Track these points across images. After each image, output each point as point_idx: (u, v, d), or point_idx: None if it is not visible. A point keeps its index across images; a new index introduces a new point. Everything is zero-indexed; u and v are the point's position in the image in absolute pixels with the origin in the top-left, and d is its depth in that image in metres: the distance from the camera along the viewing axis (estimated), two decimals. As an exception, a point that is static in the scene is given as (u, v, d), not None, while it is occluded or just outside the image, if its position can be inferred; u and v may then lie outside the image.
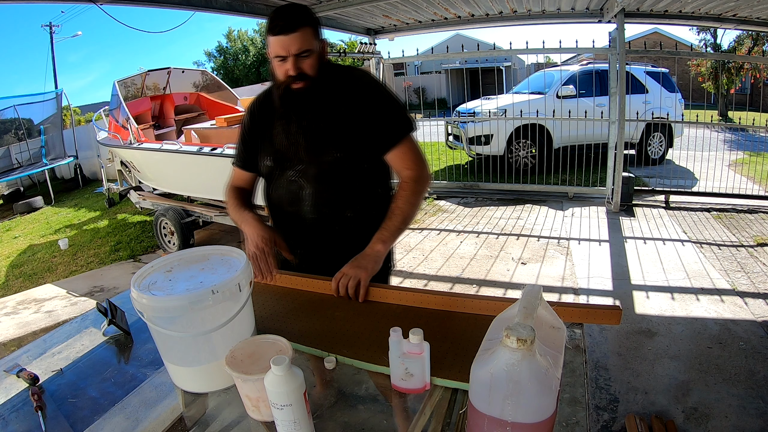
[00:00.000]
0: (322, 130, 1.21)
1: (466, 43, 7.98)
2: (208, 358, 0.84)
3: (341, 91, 1.23)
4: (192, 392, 0.87)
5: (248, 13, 4.18)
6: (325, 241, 1.31)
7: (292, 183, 1.27)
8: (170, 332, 0.81)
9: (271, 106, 1.27)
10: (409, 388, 0.82)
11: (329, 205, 1.27)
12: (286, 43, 1.12)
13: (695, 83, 13.15)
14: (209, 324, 0.82)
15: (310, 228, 1.30)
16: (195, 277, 0.87)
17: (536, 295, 0.70)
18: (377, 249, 1.20)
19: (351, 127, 1.22)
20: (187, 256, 0.95)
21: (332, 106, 1.22)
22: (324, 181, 1.25)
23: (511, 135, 6.11)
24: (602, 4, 4.52)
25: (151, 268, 0.90)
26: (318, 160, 1.23)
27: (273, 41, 1.13)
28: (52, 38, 17.39)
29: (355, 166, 1.26)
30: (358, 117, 1.22)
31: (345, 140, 1.22)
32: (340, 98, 1.22)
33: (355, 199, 1.28)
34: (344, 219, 1.28)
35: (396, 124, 1.25)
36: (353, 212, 1.28)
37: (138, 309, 0.80)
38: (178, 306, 0.79)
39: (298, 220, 1.30)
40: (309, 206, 1.27)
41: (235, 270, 0.86)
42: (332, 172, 1.24)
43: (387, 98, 1.26)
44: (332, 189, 1.26)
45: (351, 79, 1.25)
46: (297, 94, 1.18)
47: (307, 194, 1.26)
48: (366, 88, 1.25)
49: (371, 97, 1.24)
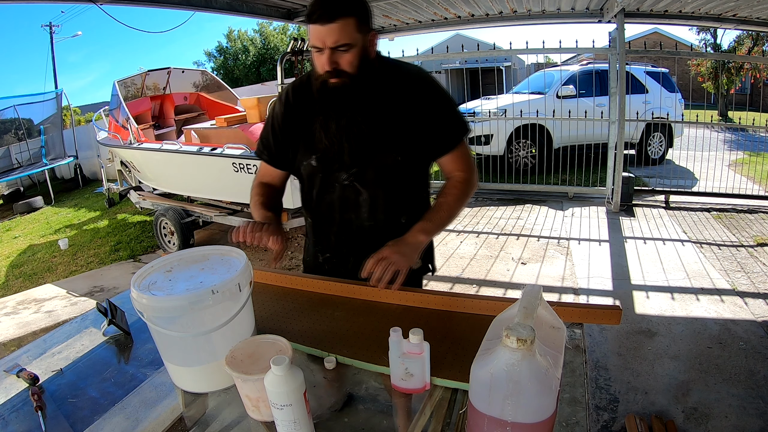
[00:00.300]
0: (377, 131, 1.11)
1: (466, 43, 7.97)
2: (208, 358, 0.84)
3: (394, 89, 1.13)
4: (192, 392, 0.87)
5: (248, 13, 4.18)
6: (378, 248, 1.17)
7: (346, 188, 1.16)
8: (170, 332, 0.81)
9: (311, 98, 1.14)
10: (409, 388, 0.81)
11: (386, 211, 1.19)
12: (322, 34, 1.00)
13: (695, 83, 13.14)
14: (209, 324, 0.82)
15: (363, 235, 1.21)
16: (195, 277, 0.87)
17: (536, 295, 0.70)
18: (420, 239, 1.13)
19: (410, 128, 1.13)
20: (187, 256, 0.94)
21: (385, 104, 1.11)
22: (382, 185, 1.16)
23: (511, 135, 6.11)
24: (602, 4, 4.52)
25: (150, 268, 0.90)
26: (376, 164, 1.14)
27: (310, 29, 1.02)
28: (52, 38, 17.39)
29: (414, 171, 1.19)
30: (417, 118, 1.13)
31: (405, 142, 1.14)
32: (394, 97, 1.12)
33: (410, 204, 1.22)
34: (399, 225, 1.20)
35: (454, 127, 1.18)
36: (407, 219, 1.21)
37: (138, 309, 0.80)
38: (178, 306, 0.79)
39: (351, 227, 1.21)
40: (366, 212, 1.18)
41: (235, 270, 0.86)
42: (392, 176, 1.16)
43: (445, 99, 1.17)
44: (390, 194, 1.18)
45: (406, 77, 1.15)
46: (335, 91, 1.07)
47: (363, 200, 1.17)
48: (423, 87, 1.15)
49: (429, 97, 1.15)
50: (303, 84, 1.18)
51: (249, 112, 4.46)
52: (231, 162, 3.73)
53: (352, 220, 1.20)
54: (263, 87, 11.65)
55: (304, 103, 1.17)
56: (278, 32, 20.89)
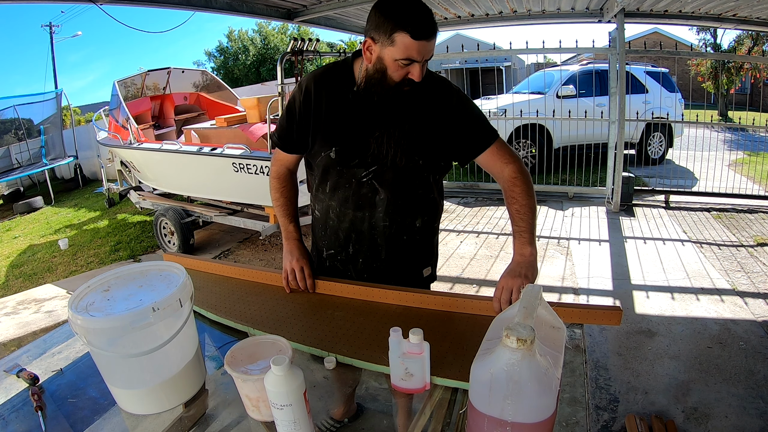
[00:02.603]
0: (408, 135, 1.14)
1: (466, 43, 7.97)
2: (153, 379, 0.81)
3: (424, 95, 1.16)
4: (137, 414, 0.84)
5: (248, 13, 4.17)
6: (392, 249, 1.23)
7: (363, 185, 1.17)
8: (112, 354, 0.78)
9: (341, 92, 1.16)
10: (409, 388, 0.82)
11: (402, 213, 1.20)
12: (425, 48, 1.03)
13: (695, 83, 13.15)
14: (152, 343, 0.79)
15: (374, 235, 1.21)
16: (134, 295, 0.83)
17: (536, 295, 0.70)
18: (528, 252, 1.10)
19: (435, 134, 1.17)
20: (125, 273, 0.91)
21: (416, 110, 1.15)
22: (401, 186, 1.18)
23: (511, 135, 6.11)
24: (602, 4, 4.52)
25: (87, 288, 0.85)
26: (398, 164, 1.15)
27: (410, 44, 1.02)
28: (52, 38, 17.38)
29: (432, 175, 1.22)
30: (442, 124, 1.16)
31: (427, 146, 1.17)
32: (423, 103, 1.15)
33: (426, 208, 1.24)
34: (413, 228, 1.23)
35: (485, 130, 1.20)
36: (422, 222, 1.24)
37: (76, 332, 0.76)
38: (118, 326, 0.75)
39: (363, 225, 1.21)
40: (382, 212, 1.18)
41: (175, 285, 0.83)
42: (411, 178, 1.18)
43: (471, 107, 1.20)
44: (408, 196, 1.19)
45: (434, 85, 1.18)
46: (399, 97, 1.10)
47: (381, 199, 1.17)
48: (450, 95, 1.18)
49: (457, 104, 1.18)
50: (330, 77, 1.18)
51: (249, 112, 4.45)
52: (231, 162, 3.73)
53: (366, 219, 1.20)
54: (263, 87, 11.65)
55: (332, 97, 1.16)
56: (278, 32, 20.90)
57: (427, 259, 1.32)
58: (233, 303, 1.18)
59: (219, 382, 0.92)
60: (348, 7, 4.40)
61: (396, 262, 1.25)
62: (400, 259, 1.25)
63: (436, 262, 1.37)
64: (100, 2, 3.03)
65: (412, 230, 1.23)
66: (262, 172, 3.57)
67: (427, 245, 1.30)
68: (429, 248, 1.31)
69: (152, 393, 0.82)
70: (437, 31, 1.05)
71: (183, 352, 0.85)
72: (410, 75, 1.07)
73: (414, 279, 1.29)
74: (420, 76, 1.07)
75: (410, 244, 1.25)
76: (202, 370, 0.91)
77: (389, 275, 1.25)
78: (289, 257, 1.25)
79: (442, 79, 1.22)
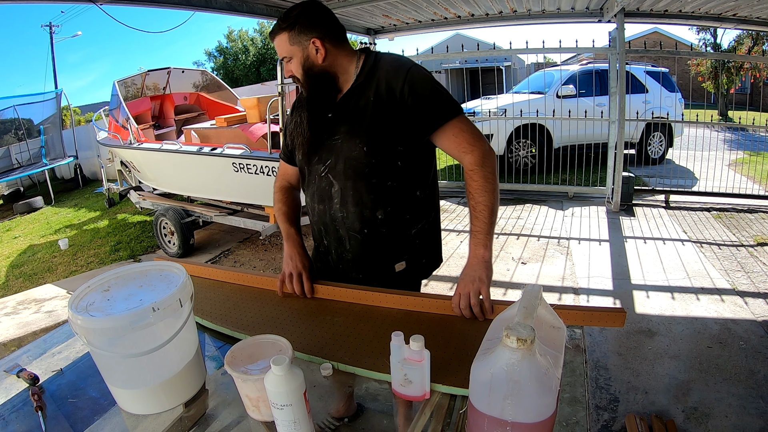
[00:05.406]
0: (352, 124, 1.16)
1: (466, 43, 7.97)
2: (153, 379, 0.81)
3: (375, 85, 1.15)
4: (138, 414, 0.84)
5: (248, 13, 4.18)
6: (356, 242, 1.23)
7: (323, 179, 1.21)
8: (113, 354, 0.78)
9: (303, 99, 1.26)
10: (408, 394, 0.81)
11: (358, 204, 1.19)
12: (277, 47, 1.18)
13: (695, 83, 13.14)
14: (152, 343, 0.79)
15: (336, 226, 1.24)
16: (134, 295, 0.83)
17: (536, 295, 0.70)
18: (482, 254, 1.10)
19: (376, 117, 1.14)
20: (125, 273, 0.91)
21: (363, 100, 1.15)
22: (352, 177, 1.17)
23: (511, 135, 6.11)
24: (602, 4, 4.52)
25: (87, 288, 0.85)
26: (344, 156, 1.16)
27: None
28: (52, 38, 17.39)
29: (386, 162, 1.17)
30: (386, 106, 1.14)
31: (370, 132, 1.14)
32: (371, 92, 1.15)
33: (388, 199, 1.19)
34: (375, 220, 1.20)
35: (436, 108, 1.14)
36: (385, 215, 1.20)
37: (76, 332, 0.76)
38: (118, 326, 0.75)
39: (326, 218, 1.25)
40: (337, 203, 1.21)
41: (175, 285, 0.83)
42: (360, 167, 1.16)
43: (424, 83, 1.15)
44: (362, 186, 1.17)
45: (384, 69, 1.16)
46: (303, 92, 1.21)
47: (335, 191, 1.20)
48: (397, 77, 1.14)
49: (404, 83, 1.13)
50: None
51: (249, 112, 4.45)
52: (231, 162, 3.73)
53: (326, 211, 1.24)
54: (263, 87, 11.64)
55: (299, 105, 1.29)
56: (278, 32, 20.85)
57: (399, 253, 1.26)
58: (229, 310, 1.16)
59: (219, 382, 0.92)
60: (348, 7, 4.40)
61: (362, 254, 1.24)
62: (366, 252, 1.23)
63: (420, 257, 1.30)
64: (100, 2, 3.03)
65: (374, 222, 1.20)
66: (262, 172, 3.57)
67: (398, 239, 1.23)
68: (402, 242, 1.24)
69: (152, 393, 0.82)
70: (275, 33, 1.16)
71: (183, 352, 0.85)
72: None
73: (384, 273, 1.25)
74: (286, 72, 1.19)
75: (375, 237, 1.22)
76: (202, 370, 0.91)
77: (359, 268, 1.24)
78: (290, 262, 1.25)
79: (396, 64, 1.17)
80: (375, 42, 5.72)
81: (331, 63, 1.17)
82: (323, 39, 1.15)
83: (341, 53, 1.18)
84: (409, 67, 1.15)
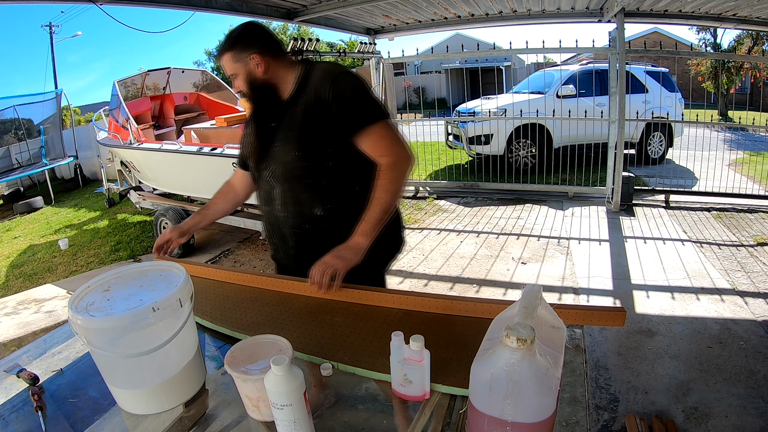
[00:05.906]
0: (286, 130, 1.27)
1: (466, 43, 7.98)
2: (153, 379, 0.81)
3: (305, 90, 1.26)
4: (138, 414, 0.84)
5: (248, 13, 4.18)
6: (298, 239, 1.34)
7: (266, 183, 1.34)
8: (113, 354, 0.78)
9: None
10: (408, 395, 0.81)
11: (297, 203, 1.30)
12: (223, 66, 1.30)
13: (695, 83, 13.15)
14: (152, 343, 0.79)
15: (280, 226, 1.35)
16: (134, 295, 0.83)
17: (536, 295, 0.70)
18: (357, 241, 1.20)
19: (307, 124, 1.23)
20: (125, 273, 0.91)
21: (293, 106, 1.27)
22: (289, 179, 1.29)
23: (511, 135, 6.11)
24: (602, 4, 4.52)
25: (87, 288, 0.85)
26: (281, 160, 1.28)
27: None
28: (52, 38, 17.40)
29: (318, 164, 1.25)
30: (315, 112, 1.22)
31: (301, 138, 1.25)
32: (301, 97, 1.26)
33: (325, 197, 1.28)
34: (314, 217, 1.30)
35: (357, 113, 1.22)
36: (323, 211, 1.29)
37: (76, 332, 0.77)
38: (119, 326, 0.75)
39: (271, 218, 1.37)
40: (279, 204, 1.33)
41: (175, 285, 0.83)
42: (295, 170, 1.27)
43: (349, 89, 1.22)
44: (298, 187, 1.29)
45: (315, 76, 1.25)
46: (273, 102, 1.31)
47: (277, 193, 1.32)
48: (325, 84, 1.22)
49: (329, 90, 1.21)
50: None
51: (249, 112, 4.45)
52: (231, 162, 3.73)
53: (271, 212, 1.36)
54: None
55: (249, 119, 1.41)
56: (278, 32, 20.88)
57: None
58: (229, 310, 1.16)
59: (219, 382, 0.92)
60: (348, 7, 4.39)
61: (306, 250, 1.31)
62: (309, 247, 1.30)
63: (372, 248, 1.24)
64: (100, 2, 3.03)
65: (313, 219, 1.30)
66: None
67: (341, 232, 1.24)
68: (346, 235, 1.24)
69: (152, 393, 0.82)
70: (219, 54, 1.28)
71: (183, 352, 0.85)
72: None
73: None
74: (236, 88, 1.32)
75: (316, 233, 1.31)
76: (202, 370, 0.91)
77: (303, 262, 1.23)
78: (174, 229, 1.45)
79: (325, 71, 1.26)
80: (375, 42, 5.72)
81: (272, 75, 1.28)
82: (262, 54, 1.26)
83: (280, 65, 1.29)
84: (337, 74, 1.24)
